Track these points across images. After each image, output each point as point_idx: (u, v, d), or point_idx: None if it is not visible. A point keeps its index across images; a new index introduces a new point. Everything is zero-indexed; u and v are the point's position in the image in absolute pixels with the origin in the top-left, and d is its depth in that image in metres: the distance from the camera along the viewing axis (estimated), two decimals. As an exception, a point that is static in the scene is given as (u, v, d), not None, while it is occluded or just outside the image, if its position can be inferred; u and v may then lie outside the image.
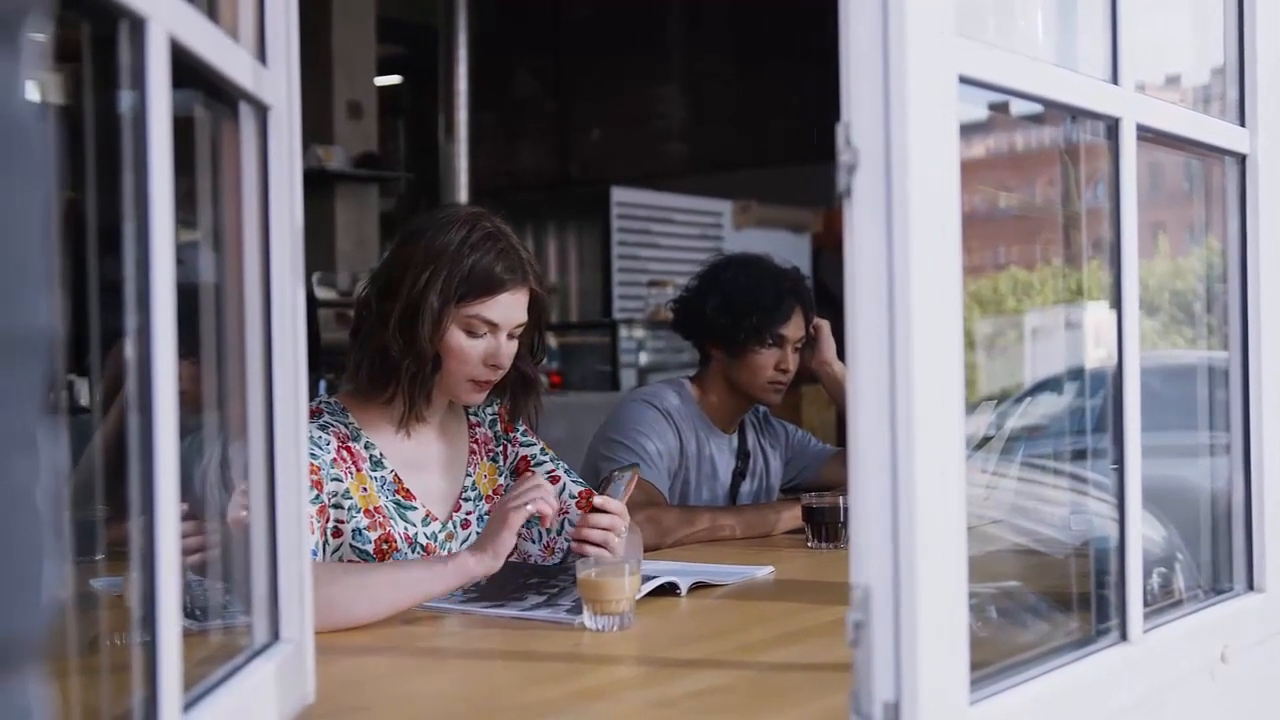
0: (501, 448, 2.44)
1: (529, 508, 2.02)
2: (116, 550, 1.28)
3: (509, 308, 2.23)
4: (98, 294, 1.04)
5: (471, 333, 2.22)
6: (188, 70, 1.11)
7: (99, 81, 1.06)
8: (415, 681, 1.72)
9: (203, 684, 1.18)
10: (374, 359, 2.23)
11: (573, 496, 2.38)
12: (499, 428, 2.45)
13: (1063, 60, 1.70)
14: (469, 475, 2.38)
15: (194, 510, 1.29)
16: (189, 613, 1.26)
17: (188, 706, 1.08)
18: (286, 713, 1.36)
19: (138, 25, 1.00)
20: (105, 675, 1.20)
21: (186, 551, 1.14)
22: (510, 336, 2.26)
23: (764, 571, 2.39)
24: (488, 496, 2.39)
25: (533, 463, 2.43)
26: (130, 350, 1.01)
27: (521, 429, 2.45)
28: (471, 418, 2.43)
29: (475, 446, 2.41)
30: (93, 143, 1.07)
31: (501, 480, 2.41)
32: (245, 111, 1.35)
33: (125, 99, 1.02)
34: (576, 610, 1.94)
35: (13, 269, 0.53)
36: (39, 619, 0.54)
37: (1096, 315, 1.83)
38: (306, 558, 1.42)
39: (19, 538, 0.53)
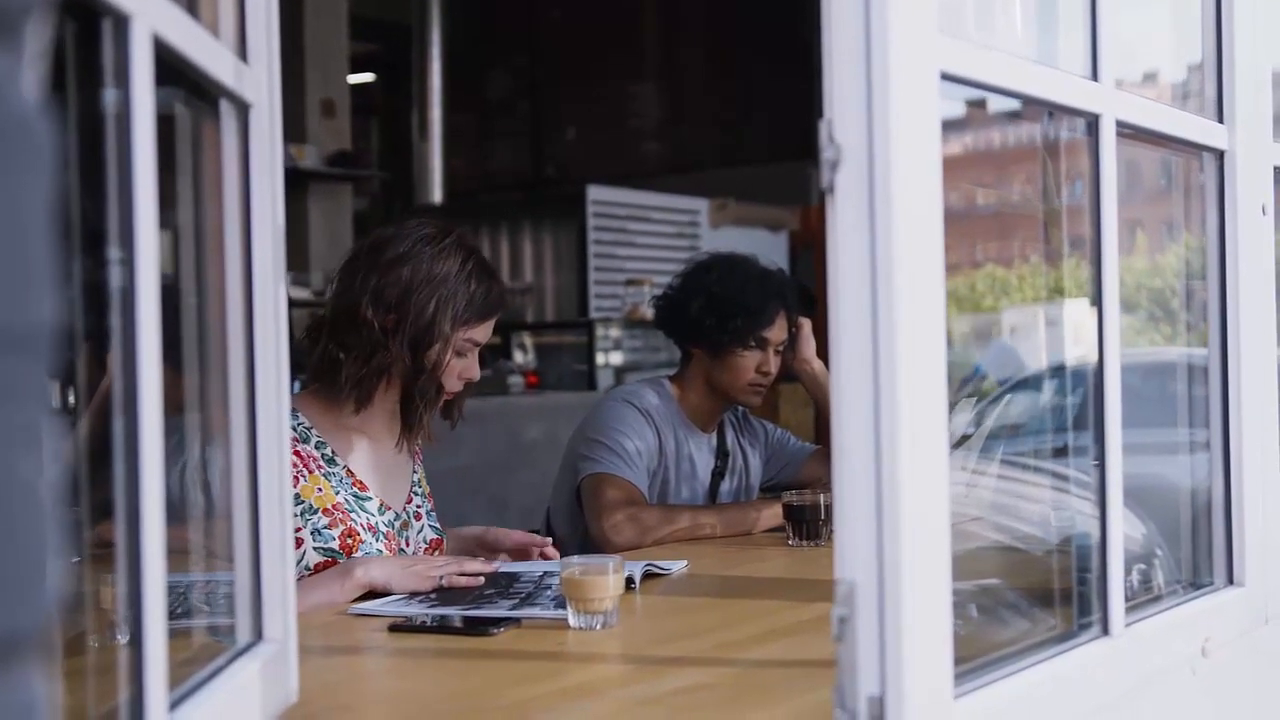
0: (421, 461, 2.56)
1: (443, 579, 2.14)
2: (94, 552, 1.27)
3: (491, 328, 2.36)
4: (80, 294, 1.03)
5: (460, 353, 2.31)
6: (168, 67, 1.10)
7: (79, 79, 1.05)
8: (398, 681, 1.71)
9: (187, 683, 1.17)
10: (377, 376, 2.28)
11: (425, 541, 2.44)
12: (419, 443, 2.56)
13: (1041, 57, 1.70)
14: (415, 472, 2.48)
15: (172, 511, 1.29)
16: (170, 613, 1.25)
17: (173, 706, 1.08)
18: (270, 712, 1.36)
19: (121, 23, 0.99)
20: (85, 675, 1.19)
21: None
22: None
23: (678, 566, 2.39)
24: (428, 494, 2.50)
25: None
26: (114, 351, 1.00)
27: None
28: None
29: (417, 448, 2.51)
30: (74, 140, 1.06)
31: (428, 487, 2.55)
32: (226, 109, 1.34)
33: (108, 96, 1.01)
34: (561, 604, 1.93)
35: (17, 264, 0.53)
36: (43, 614, 0.54)
37: (1075, 313, 1.84)
38: (290, 558, 1.42)
39: (25, 532, 0.53)
